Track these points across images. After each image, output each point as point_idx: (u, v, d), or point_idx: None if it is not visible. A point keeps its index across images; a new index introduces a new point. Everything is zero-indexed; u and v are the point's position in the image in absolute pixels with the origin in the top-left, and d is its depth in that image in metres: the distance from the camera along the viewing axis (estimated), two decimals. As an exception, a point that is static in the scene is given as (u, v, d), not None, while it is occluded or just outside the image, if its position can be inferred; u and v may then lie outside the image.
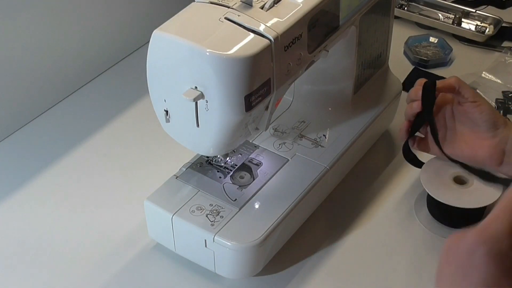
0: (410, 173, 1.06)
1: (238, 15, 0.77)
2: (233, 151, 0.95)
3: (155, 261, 0.94)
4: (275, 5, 0.80)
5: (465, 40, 1.35)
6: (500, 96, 1.20)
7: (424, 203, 1.00)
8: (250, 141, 0.99)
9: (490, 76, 1.24)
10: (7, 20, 1.07)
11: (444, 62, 1.29)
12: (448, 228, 0.97)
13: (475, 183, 0.95)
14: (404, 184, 1.05)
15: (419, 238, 0.97)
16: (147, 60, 0.79)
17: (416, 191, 1.00)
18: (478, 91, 1.21)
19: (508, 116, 1.16)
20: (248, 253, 0.86)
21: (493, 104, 1.18)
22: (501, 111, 1.17)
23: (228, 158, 0.95)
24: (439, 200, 0.93)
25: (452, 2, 1.40)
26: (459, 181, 0.96)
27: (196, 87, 0.76)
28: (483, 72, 1.25)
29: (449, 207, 0.93)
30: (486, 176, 0.94)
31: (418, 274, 0.92)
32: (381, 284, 0.92)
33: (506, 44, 1.34)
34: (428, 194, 0.96)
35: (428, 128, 0.97)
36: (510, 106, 1.18)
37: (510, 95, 1.19)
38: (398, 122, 1.14)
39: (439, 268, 0.69)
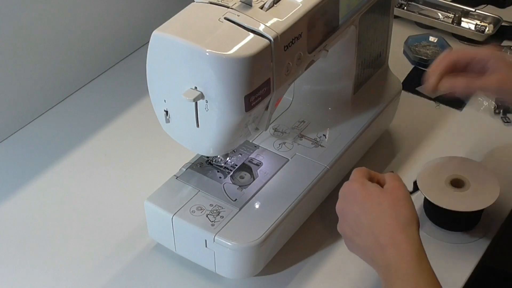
0: (409, 173, 1.06)
1: (238, 15, 0.77)
2: (233, 151, 0.95)
3: (156, 262, 0.94)
4: (275, 5, 0.80)
5: (465, 39, 1.35)
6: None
7: (420, 205, 1.00)
8: (250, 141, 0.99)
9: (490, 76, 1.24)
10: (7, 20, 1.07)
11: (444, 62, 1.29)
12: (445, 231, 0.97)
13: (472, 186, 0.94)
14: (404, 184, 1.05)
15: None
16: (147, 60, 0.80)
17: (414, 193, 1.00)
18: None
19: (508, 115, 1.16)
20: (248, 253, 0.86)
21: (493, 103, 1.18)
22: (501, 110, 1.17)
23: (228, 158, 0.95)
24: (435, 203, 0.93)
25: (451, 1, 1.40)
26: (456, 184, 0.95)
27: (196, 87, 0.76)
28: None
29: (445, 210, 0.92)
30: None
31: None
32: (380, 284, 0.92)
33: (506, 43, 1.34)
34: (425, 197, 0.95)
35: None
36: (509, 105, 1.18)
37: (510, 94, 1.20)
38: (398, 122, 1.14)
39: None
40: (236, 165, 0.95)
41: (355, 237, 0.78)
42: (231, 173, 0.94)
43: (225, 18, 0.77)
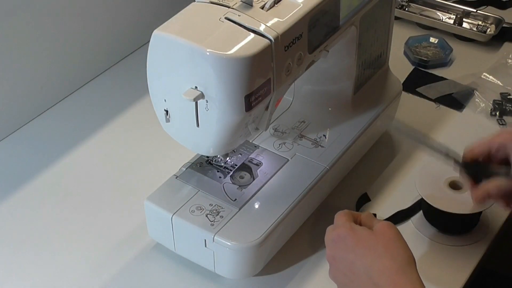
0: (409, 173, 1.06)
1: (238, 15, 0.77)
2: (233, 151, 0.95)
3: (155, 261, 0.94)
4: (275, 5, 0.80)
5: (467, 39, 1.35)
6: (498, 98, 1.20)
7: (419, 207, 0.99)
8: (250, 141, 0.99)
9: (491, 77, 1.24)
10: (7, 19, 1.07)
11: (444, 63, 1.29)
12: (442, 233, 0.96)
13: None
14: (403, 185, 1.05)
15: (413, 241, 0.96)
16: (147, 60, 0.79)
17: (413, 194, 0.99)
18: (476, 92, 1.21)
19: (504, 117, 1.16)
20: (248, 253, 0.86)
21: (490, 105, 1.18)
22: (497, 112, 1.17)
23: (228, 158, 0.95)
24: (433, 205, 0.92)
25: (452, 2, 1.40)
26: (454, 186, 0.95)
27: (196, 87, 0.76)
28: (483, 73, 1.25)
29: (443, 213, 0.92)
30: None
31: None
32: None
33: (507, 45, 1.34)
34: (423, 199, 0.95)
35: None
36: (507, 107, 1.17)
37: (508, 97, 1.19)
38: (398, 122, 1.14)
39: None
40: (236, 165, 0.95)
41: (351, 284, 0.76)
42: (231, 173, 0.94)
43: (226, 18, 0.77)
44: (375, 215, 0.82)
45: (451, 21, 1.36)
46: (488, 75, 1.24)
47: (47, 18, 1.13)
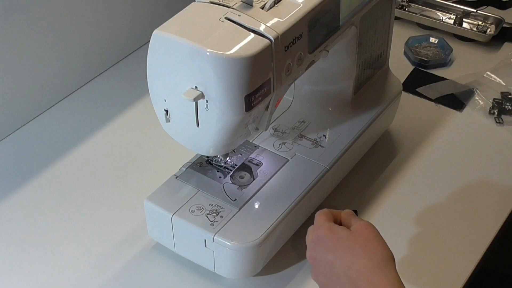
0: (409, 173, 1.06)
1: (239, 15, 0.77)
2: (233, 151, 0.95)
3: (155, 261, 0.94)
4: (276, 5, 0.80)
5: (467, 40, 1.35)
6: (499, 97, 1.20)
7: None
8: (250, 141, 0.99)
9: (494, 76, 1.24)
10: (8, 20, 1.07)
11: (444, 63, 1.29)
12: None
13: None
14: (403, 185, 1.05)
15: (416, 239, 0.97)
16: (147, 60, 0.79)
17: (414, 194, 0.99)
18: (477, 91, 1.21)
19: (503, 116, 1.17)
20: (248, 253, 0.86)
21: (489, 103, 1.18)
22: (496, 111, 1.17)
23: (228, 158, 0.95)
24: None
25: (452, 2, 1.40)
26: None
27: (196, 87, 0.76)
28: (487, 72, 1.25)
29: None
30: None
31: (416, 273, 0.92)
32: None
33: (507, 45, 1.34)
34: None
35: None
36: (506, 107, 1.17)
37: (509, 96, 1.19)
38: (398, 122, 1.14)
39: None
40: (236, 165, 0.95)
41: (332, 285, 0.76)
42: (231, 173, 0.94)
43: (226, 18, 0.77)
44: (356, 212, 0.82)
45: (451, 21, 1.37)
46: (491, 74, 1.24)
47: (47, 18, 1.13)
